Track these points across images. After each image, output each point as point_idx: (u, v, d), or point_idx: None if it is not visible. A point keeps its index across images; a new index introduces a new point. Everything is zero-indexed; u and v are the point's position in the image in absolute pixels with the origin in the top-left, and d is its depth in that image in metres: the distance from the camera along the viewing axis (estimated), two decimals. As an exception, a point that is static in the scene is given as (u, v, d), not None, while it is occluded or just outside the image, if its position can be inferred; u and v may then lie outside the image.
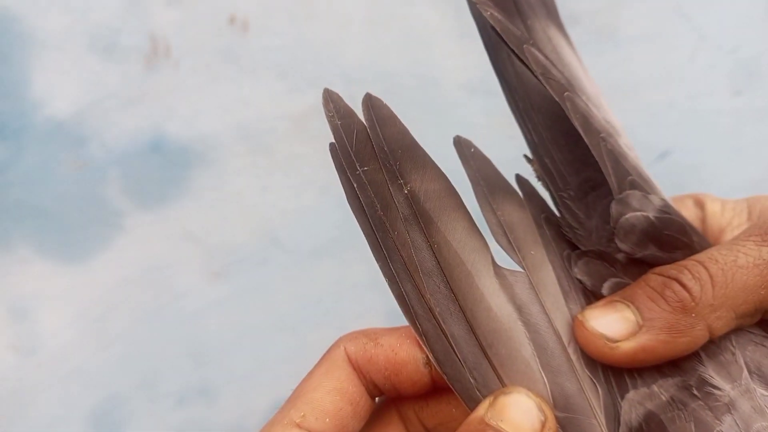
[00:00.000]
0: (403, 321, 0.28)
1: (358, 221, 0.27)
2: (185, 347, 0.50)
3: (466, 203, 0.28)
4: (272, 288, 0.50)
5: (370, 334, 0.28)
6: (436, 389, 0.29)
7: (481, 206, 0.29)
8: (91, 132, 0.49)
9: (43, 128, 0.49)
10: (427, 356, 0.27)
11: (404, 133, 0.28)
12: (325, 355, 0.28)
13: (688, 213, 0.31)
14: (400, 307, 0.27)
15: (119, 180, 0.50)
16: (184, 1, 0.49)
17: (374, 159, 0.27)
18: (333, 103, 0.27)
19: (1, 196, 0.49)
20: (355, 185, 0.27)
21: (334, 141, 0.27)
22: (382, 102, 0.27)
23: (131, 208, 0.50)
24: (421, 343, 0.27)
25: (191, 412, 0.50)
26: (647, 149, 0.46)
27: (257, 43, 0.50)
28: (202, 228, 0.50)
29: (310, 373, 0.28)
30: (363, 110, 0.27)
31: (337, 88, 0.50)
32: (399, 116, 0.27)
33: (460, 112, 0.51)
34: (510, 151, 0.53)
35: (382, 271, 0.27)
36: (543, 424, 0.26)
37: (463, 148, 0.29)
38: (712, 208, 0.31)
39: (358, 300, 0.50)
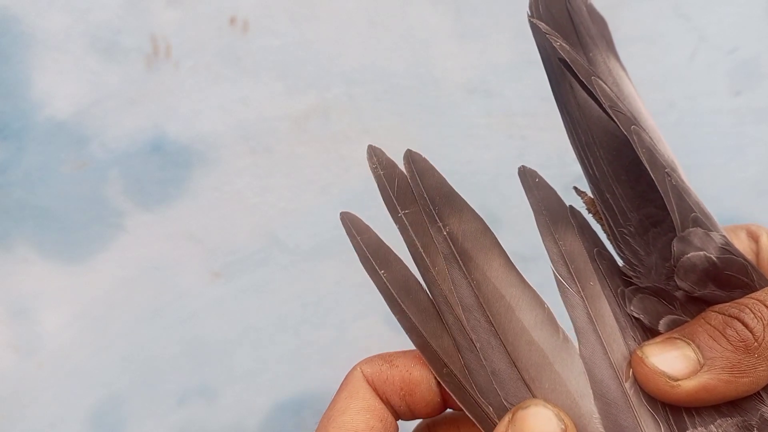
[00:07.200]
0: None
1: (373, 278, 0.29)
2: (185, 347, 0.50)
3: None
4: (272, 288, 0.50)
5: (385, 357, 0.29)
6: (454, 418, 0.30)
7: (542, 235, 0.29)
8: (91, 132, 0.49)
9: (43, 128, 0.49)
10: (436, 377, 0.28)
11: (442, 181, 0.29)
12: (344, 381, 0.29)
13: (742, 245, 0.31)
14: (423, 353, 0.28)
15: (119, 180, 0.50)
16: (184, 1, 0.49)
17: (414, 203, 0.29)
18: (376, 157, 0.29)
19: (2, 196, 0.49)
20: (397, 226, 0.29)
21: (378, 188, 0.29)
22: (421, 156, 0.29)
23: (131, 208, 0.50)
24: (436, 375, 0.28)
25: (191, 412, 0.50)
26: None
27: (257, 43, 0.50)
28: (202, 228, 0.50)
29: (334, 400, 0.29)
30: (404, 164, 0.29)
31: (337, 88, 0.50)
32: (399, 116, 0.28)
33: (460, 112, 0.51)
34: (510, 151, 0.53)
35: (400, 323, 0.29)
36: None
37: (528, 177, 0.30)
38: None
39: (358, 300, 0.50)
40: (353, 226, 0.29)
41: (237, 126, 0.50)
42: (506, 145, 0.50)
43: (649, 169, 0.28)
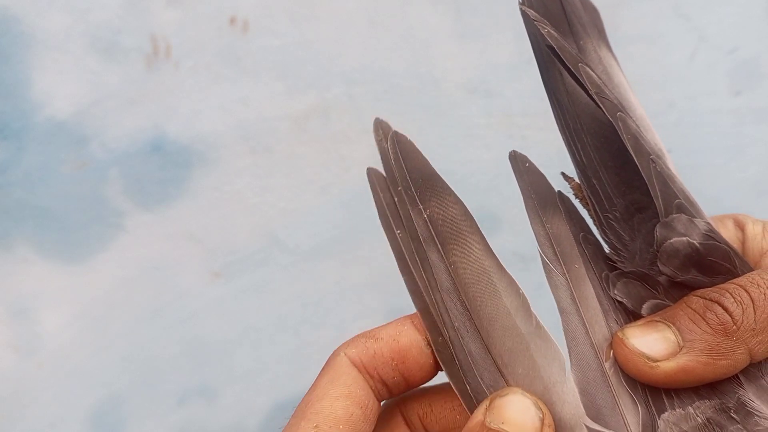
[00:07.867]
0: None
1: (388, 236, 0.29)
2: (185, 347, 0.50)
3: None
4: (272, 288, 0.50)
5: (366, 334, 0.29)
6: (441, 391, 0.30)
7: (530, 219, 0.29)
8: (91, 132, 0.49)
9: (43, 128, 0.49)
10: (427, 337, 0.28)
11: (425, 164, 0.29)
12: (325, 365, 0.29)
13: (728, 234, 0.31)
14: (423, 318, 0.28)
15: (119, 180, 0.50)
16: (184, 1, 0.50)
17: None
18: (382, 130, 0.29)
19: (2, 196, 0.49)
20: (395, 199, 0.29)
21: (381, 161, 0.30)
22: (407, 138, 0.29)
23: (131, 208, 0.50)
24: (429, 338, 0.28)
25: (191, 412, 0.50)
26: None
27: (257, 43, 0.50)
28: (202, 228, 0.50)
29: (314, 385, 0.29)
30: (389, 144, 0.29)
31: (337, 88, 0.50)
32: (399, 116, 0.28)
33: (460, 112, 0.51)
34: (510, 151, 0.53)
35: (405, 284, 0.29)
36: (542, 421, 0.26)
37: (518, 162, 0.30)
38: (753, 230, 0.31)
39: (358, 300, 0.50)
40: (378, 183, 0.29)
41: (237, 126, 0.50)
42: (506, 145, 0.50)
43: (633, 156, 0.29)
